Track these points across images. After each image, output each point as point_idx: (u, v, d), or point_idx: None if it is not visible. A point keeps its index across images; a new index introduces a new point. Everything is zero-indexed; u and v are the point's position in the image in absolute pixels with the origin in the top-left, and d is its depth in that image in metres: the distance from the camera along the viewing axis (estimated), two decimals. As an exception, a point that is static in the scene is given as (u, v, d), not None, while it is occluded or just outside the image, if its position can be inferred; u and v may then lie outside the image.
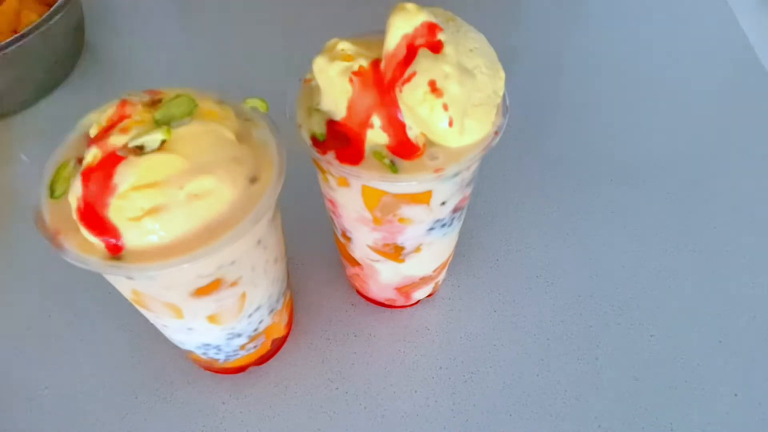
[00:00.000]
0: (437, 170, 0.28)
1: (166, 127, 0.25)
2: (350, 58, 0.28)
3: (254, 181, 0.27)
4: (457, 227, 0.36)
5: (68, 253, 0.25)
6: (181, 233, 0.25)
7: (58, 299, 0.42)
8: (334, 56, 0.28)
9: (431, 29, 0.27)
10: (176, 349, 0.37)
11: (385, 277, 0.37)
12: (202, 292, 0.28)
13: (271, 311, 0.35)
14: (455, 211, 0.33)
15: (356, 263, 0.38)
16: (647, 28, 0.64)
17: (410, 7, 0.27)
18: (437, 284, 0.41)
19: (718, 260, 0.44)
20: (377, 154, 0.28)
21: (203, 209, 0.25)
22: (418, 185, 0.29)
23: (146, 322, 0.33)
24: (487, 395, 0.37)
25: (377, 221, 0.32)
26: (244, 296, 0.31)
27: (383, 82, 0.27)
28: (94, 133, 0.27)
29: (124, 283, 0.28)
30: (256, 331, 0.35)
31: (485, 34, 0.29)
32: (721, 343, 0.39)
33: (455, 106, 0.27)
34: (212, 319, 0.31)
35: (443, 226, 0.33)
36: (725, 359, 0.39)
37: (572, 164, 0.50)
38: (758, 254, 0.44)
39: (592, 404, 0.37)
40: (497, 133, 0.29)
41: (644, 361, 0.39)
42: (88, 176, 0.25)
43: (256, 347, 0.36)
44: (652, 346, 0.39)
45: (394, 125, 0.28)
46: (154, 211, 0.24)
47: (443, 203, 0.31)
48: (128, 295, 0.30)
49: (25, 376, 0.39)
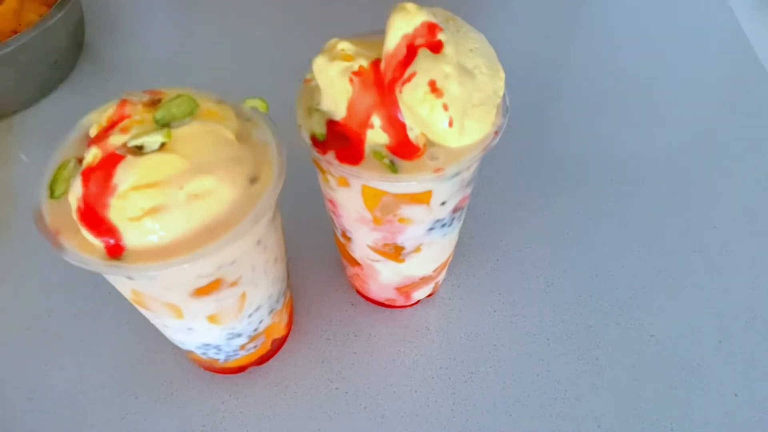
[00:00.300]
0: (437, 170, 0.28)
1: (166, 129, 0.25)
2: (350, 58, 0.28)
3: (254, 181, 0.27)
4: (457, 227, 0.36)
5: (68, 253, 0.25)
6: (181, 233, 0.25)
7: (58, 299, 0.42)
8: (334, 56, 0.28)
9: (431, 29, 0.27)
10: (176, 349, 0.37)
11: (385, 277, 0.37)
12: (202, 292, 0.28)
13: (271, 311, 0.35)
14: (455, 211, 0.33)
15: (356, 263, 0.38)
16: (647, 28, 0.64)
17: (410, 7, 0.27)
18: (437, 284, 0.41)
19: (718, 260, 0.44)
20: (377, 154, 0.28)
21: (203, 209, 0.25)
22: (418, 185, 0.29)
23: (146, 322, 0.33)
24: (487, 395, 0.37)
25: (377, 221, 0.32)
26: (244, 296, 0.31)
27: (383, 82, 0.27)
28: (94, 133, 0.27)
29: (124, 283, 0.28)
30: (256, 331, 0.35)
31: (485, 34, 0.29)
32: (721, 343, 0.39)
33: (455, 106, 0.27)
34: (212, 319, 0.31)
35: (443, 226, 0.33)
36: (725, 359, 0.39)
37: (572, 164, 0.50)
38: (758, 254, 0.44)
39: (592, 404, 0.37)
40: (497, 133, 0.29)
41: (644, 361, 0.39)
42: (88, 176, 0.25)
43: (256, 347, 0.36)
44: (652, 346, 0.39)
45: (394, 125, 0.28)
46: (154, 211, 0.24)
47: (443, 203, 0.31)
48: (128, 295, 0.30)
49: (25, 376, 0.39)
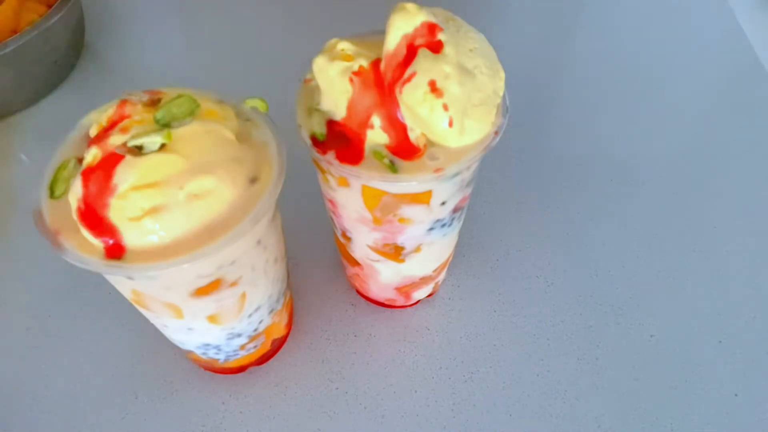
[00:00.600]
0: (437, 170, 0.28)
1: (167, 130, 0.25)
2: (350, 58, 0.28)
3: (254, 181, 0.27)
4: (457, 227, 0.36)
5: (68, 253, 0.25)
6: (181, 233, 0.25)
7: (58, 299, 0.42)
8: (334, 56, 0.28)
9: (431, 29, 0.27)
10: (176, 349, 0.37)
11: (385, 277, 0.37)
12: (202, 292, 0.28)
13: (271, 311, 0.35)
14: (455, 211, 0.33)
15: (356, 263, 0.38)
16: (647, 28, 0.64)
17: (410, 7, 0.27)
18: (437, 284, 0.41)
19: (718, 260, 0.44)
20: (377, 154, 0.28)
21: (203, 209, 0.25)
22: (418, 185, 0.29)
23: (146, 322, 0.33)
24: (487, 395, 0.37)
25: (377, 221, 0.32)
26: (244, 296, 0.31)
27: (383, 82, 0.27)
28: (94, 132, 0.27)
29: (124, 283, 0.28)
30: (256, 331, 0.35)
31: (485, 33, 0.29)
32: (721, 343, 0.39)
33: (455, 106, 0.27)
34: (212, 319, 0.31)
35: (443, 226, 0.33)
36: (725, 359, 0.39)
37: (572, 164, 0.50)
38: (758, 254, 0.44)
39: (592, 404, 0.37)
40: (497, 133, 0.29)
41: (644, 361, 0.39)
42: (88, 176, 0.25)
43: (256, 347, 0.36)
44: (652, 346, 0.39)
45: (394, 125, 0.28)
46: (154, 211, 0.24)
47: (443, 203, 0.31)
48: (128, 295, 0.30)
49: (25, 376, 0.39)
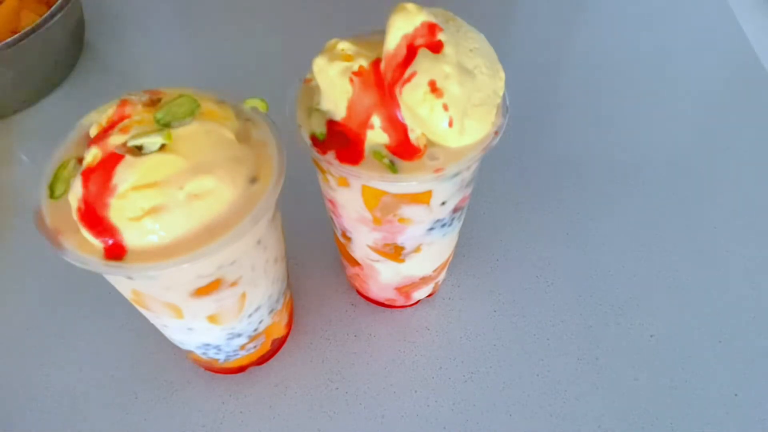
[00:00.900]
0: (437, 170, 0.28)
1: (167, 130, 0.25)
2: (350, 58, 0.28)
3: (254, 181, 0.27)
4: (457, 227, 0.36)
5: (68, 253, 0.25)
6: (181, 233, 0.25)
7: (58, 299, 0.42)
8: (334, 56, 0.28)
9: (431, 29, 0.27)
10: (176, 349, 0.37)
11: (385, 277, 0.37)
12: (202, 292, 0.28)
13: (271, 311, 0.35)
14: (455, 211, 0.33)
15: (356, 263, 0.38)
16: (647, 28, 0.64)
17: (410, 7, 0.27)
18: (437, 284, 0.41)
19: (718, 260, 0.44)
20: (377, 154, 0.28)
21: (203, 209, 0.25)
22: (418, 185, 0.29)
23: (146, 322, 0.33)
24: (487, 395, 0.37)
25: (377, 221, 0.32)
26: (244, 296, 0.31)
27: (383, 82, 0.27)
28: (94, 133, 0.27)
29: (124, 283, 0.28)
30: (256, 331, 0.35)
31: (485, 34, 0.29)
32: (721, 343, 0.39)
33: (455, 106, 0.27)
34: (212, 319, 0.31)
35: (443, 226, 0.33)
36: (725, 359, 0.39)
37: (572, 164, 0.50)
38: (758, 254, 0.44)
39: (592, 404, 0.37)
40: (497, 133, 0.29)
41: (644, 361, 0.39)
42: (88, 176, 0.25)
43: (256, 347, 0.36)
44: (652, 346, 0.39)
45: (394, 125, 0.28)
46: (154, 211, 0.24)
47: (443, 203, 0.31)
48: (128, 295, 0.30)
49: (25, 376, 0.39)
